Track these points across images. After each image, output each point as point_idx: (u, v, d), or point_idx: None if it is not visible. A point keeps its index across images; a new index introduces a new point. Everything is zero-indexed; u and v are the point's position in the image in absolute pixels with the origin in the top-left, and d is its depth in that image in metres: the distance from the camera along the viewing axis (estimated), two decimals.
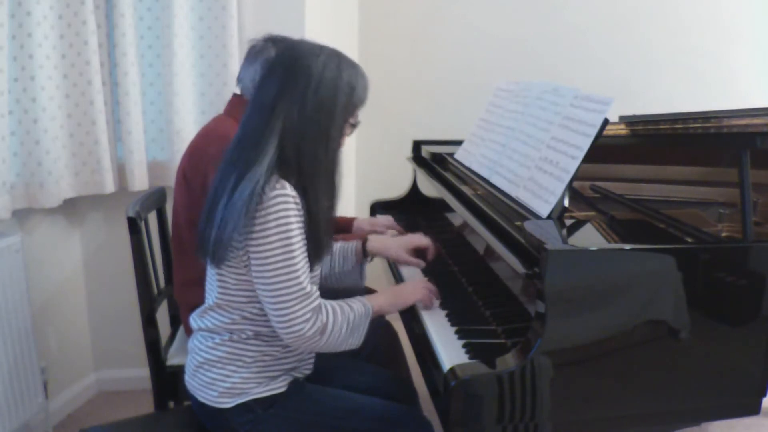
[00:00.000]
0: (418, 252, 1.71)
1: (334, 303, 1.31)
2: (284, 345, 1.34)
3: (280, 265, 1.21)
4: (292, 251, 1.21)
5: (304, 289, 1.23)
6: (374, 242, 1.65)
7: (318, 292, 1.28)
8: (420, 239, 1.71)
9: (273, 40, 1.67)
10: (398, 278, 1.81)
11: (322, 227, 1.28)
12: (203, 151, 1.63)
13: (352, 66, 1.28)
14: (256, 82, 1.38)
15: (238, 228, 1.19)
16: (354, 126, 1.34)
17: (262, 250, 1.20)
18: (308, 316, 1.23)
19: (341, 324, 1.29)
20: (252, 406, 1.31)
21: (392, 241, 1.70)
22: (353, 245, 1.62)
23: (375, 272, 1.96)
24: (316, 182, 1.25)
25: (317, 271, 1.38)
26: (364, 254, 1.63)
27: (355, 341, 1.33)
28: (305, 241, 1.25)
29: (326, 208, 1.29)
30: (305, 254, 1.25)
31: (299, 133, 1.23)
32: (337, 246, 1.62)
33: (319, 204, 1.26)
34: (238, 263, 1.26)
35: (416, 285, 1.52)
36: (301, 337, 1.24)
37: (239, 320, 1.31)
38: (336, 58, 1.26)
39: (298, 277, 1.22)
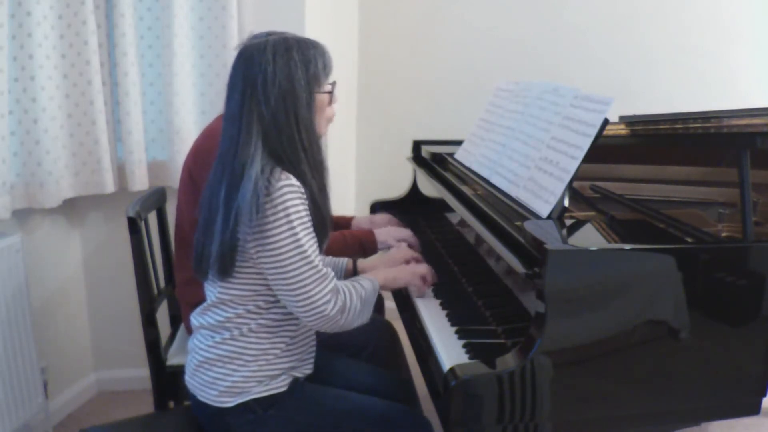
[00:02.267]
0: None
1: (347, 282, 1.35)
2: (285, 342, 1.34)
3: (294, 252, 1.23)
4: (302, 237, 1.23)
5: (320, 271, 1.26)
6: (364, 263, 1.64)
7: (333, 273, 1.30)
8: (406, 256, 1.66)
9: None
10: None
11: (321, 207, 1.32)
12: (209, 150, 1.62)
13: (300, 42, 1.29)
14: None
15: (249, 226, 1.21)
16: (331, 93, 1.35)
17: (275, 241, 1.22)
18: (329, 296, 1.26)
19: (356, 302, 1.32)
20: (252, 406, 1.32)
21: (382, 262, 1.65)
22: (344, 262, 1.62)
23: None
24: (300, 164, 1.28)
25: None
26: (354, 273, 1.62)
27: (365, 317, 1.37)
28: (313, 227, 1.28)
29: (317, 188, 1.31)
30: (315, 240, 1.28)
31: (275, 126, 1.25)
32: (327, 259, 1.63)
33: (310, 186, 1.29)
34: (244, 258, 1.27)
35: (414, 268, 1.56)
36: (324, 317, 1.26)
37: (243, 313, 1.31)
38: (282, 41, 1.27)
39: (312, 261, 1.24)
